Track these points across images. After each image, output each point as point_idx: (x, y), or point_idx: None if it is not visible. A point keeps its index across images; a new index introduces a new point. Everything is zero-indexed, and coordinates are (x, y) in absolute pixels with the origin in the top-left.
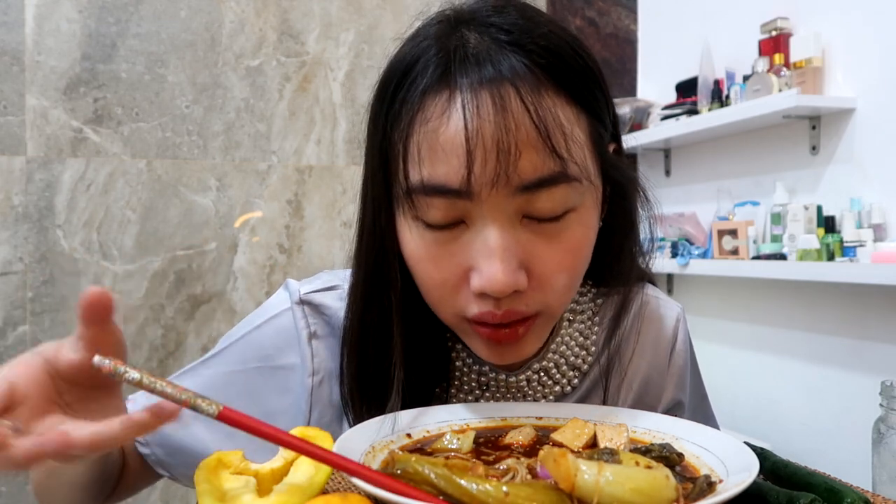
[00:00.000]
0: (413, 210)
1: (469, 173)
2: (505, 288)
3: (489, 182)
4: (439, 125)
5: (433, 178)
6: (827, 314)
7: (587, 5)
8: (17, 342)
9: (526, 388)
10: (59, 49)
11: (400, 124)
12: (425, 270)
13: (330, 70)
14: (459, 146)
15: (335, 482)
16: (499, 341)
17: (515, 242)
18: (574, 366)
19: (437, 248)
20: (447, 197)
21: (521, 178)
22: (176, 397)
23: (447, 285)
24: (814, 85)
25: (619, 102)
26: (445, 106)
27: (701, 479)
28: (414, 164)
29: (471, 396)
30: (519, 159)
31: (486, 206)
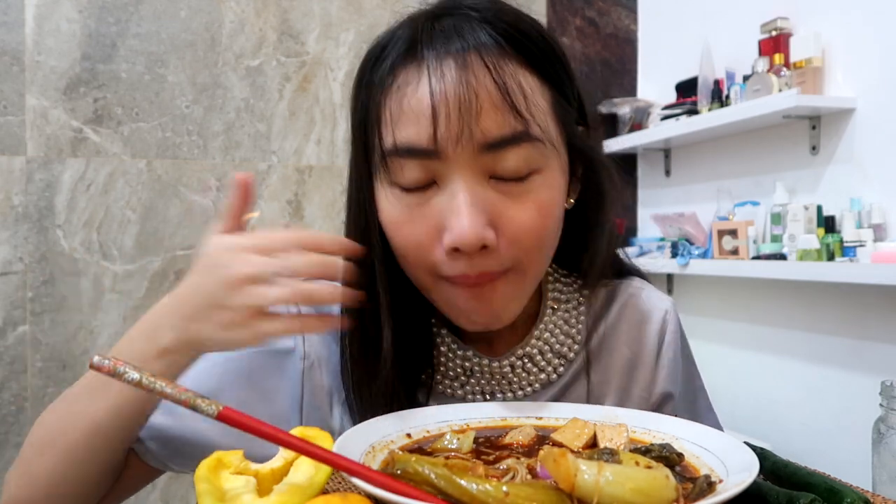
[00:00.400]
0: (388, 174)
1: (435, 131)
2: (473, 241)
3: (454, 139)
4: (408, 91)
5: (403, 140)
6: (827, 314)
7: (587, 5)
8: (17, 342)
9: (510, 375)
10: (59, 49)
11: (375, 96)
12: (401, 233)
13: (330, 70)
14: (426, 107)
15: (335, 482)
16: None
17: (483, 200)
18: (559, 353)
19: (411, 210)
20: (417, 157)
21: (484, 136)
22: (176, 397)
23: (422, 246)
24: (814, 85)
25: (619, 102)
26: (414, 74)
27: (701, 479)
28: (387, 130)
29: (456, 383)
30: (481, 117)
31: (453, 164)
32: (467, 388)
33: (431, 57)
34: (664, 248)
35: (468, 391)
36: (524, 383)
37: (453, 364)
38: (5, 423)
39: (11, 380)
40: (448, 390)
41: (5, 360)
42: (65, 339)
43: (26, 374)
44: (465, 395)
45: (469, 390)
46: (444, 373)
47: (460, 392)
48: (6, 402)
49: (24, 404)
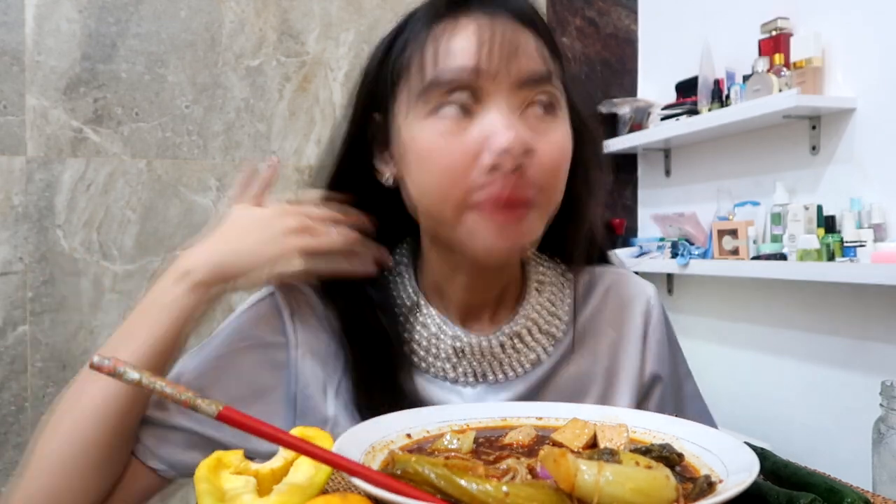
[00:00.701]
0: (426, 106)
1: (478, 64)
2: (521, 140)
3: (494, 73)
4: (455, 32)
5: (448, 73)
6: (827, 314)
7: (587, 5)
8: (17, 342)
9: (501, 355)
10: (59, 49)
11: (407, 49)
12: (437, 161)
13: (330, 70)
14: (472, 44)
15: (335, 482)
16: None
17: (518, 120)
18: (547, 332)
19: (449, 137)
20: (461, 85)
21: (520, 73)
22: (176, 397)
23: (457, 171)
24: (814, 85)
25: (619, 102)
26: (460, 19)
27: (701, 479)
28: (430, 66)
29: (448, 364)
30: (518, 58)
31: (492, 95)
32: (459, 370)
33: (472, 11)
34: (664, 248)
35: (460, 373)
36: (514, 363)
37: (444, 345)
38: (5, 423)
39: (11, 380)
40: (440, 372)
41: (5, 360)
42: (65, 339)
43: (26, 374)
44: (458, 377)
45: (461, 371)
46: (435, 354)
47: (452, 374)
48: (6, 402)
49: (24, 404)
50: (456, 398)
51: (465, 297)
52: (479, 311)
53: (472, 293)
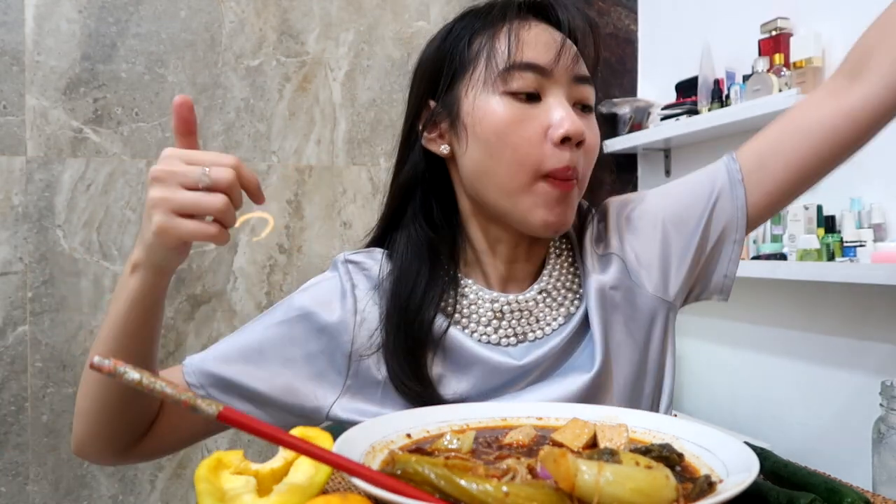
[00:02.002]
0: (504, 85)
1: (558, 56)
2: (580, 130)
3: (564, 66)
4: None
5: (531, 58)
6: (827, 314)
7: (587, 5)
8: (17, 342)
9: (536, 311)
10: (59, 49)
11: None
12: (513, 131)
13: (330, 70)
14: (554, 41)
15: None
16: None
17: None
18: (570, 289)
19: (521, 112)
20: (535, 72)
21: (579, 71)
22: (176, 398)
23: (532, 142)
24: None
25: (619, 102)
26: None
27: (701, 479)
28: (514, 49)
29: (489, 328)
30: (580, 61)
31: (558, 84)
32: (500, 332)
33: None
34: None
35: (501, 335)
36: (549, 318)
37: (484, 309)
38: (5, 423)
39: (11, 380)
40: (482, 337)
41: (5, 360)
42: (65, 339)
43: (26, 374)
44: (500, 339)
45: (502, 333)
46: (476, 320)
47: (494, 336)
48: (6, 402)
49: (24, 404)
50: (503, 356)
51: (504, 270)
52: (516, 283)
53: (510, 265)
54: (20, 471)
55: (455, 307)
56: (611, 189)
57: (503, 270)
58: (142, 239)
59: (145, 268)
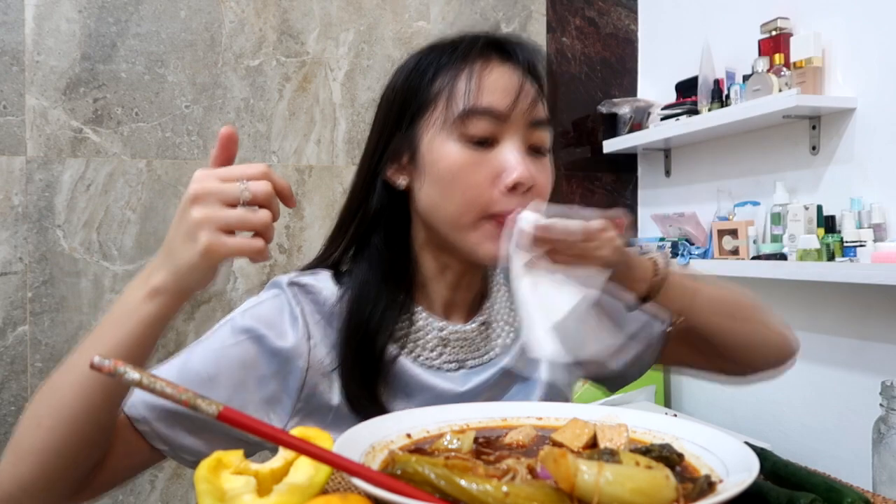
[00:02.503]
0: (460, 129)
1: (515, 102)
2: (531, 178)
3: (521, 112)
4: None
5: (487, 103)
6: (827, 314)
7: (587, 5)
8: (17, 342)
9: (477, 340)
10: (59, 49)
11: (441, 76)
12: (465, 174)
13: (330, 70)
14: (513, 85)
15: (335, 482)
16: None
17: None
18: (508, 322)
19: (475, 158)
20: (492, 117)
21: (536, 116)
22: (176, 397)
23: (482, 186)
24: (814, 85)
25: (619, 102)
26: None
27: (701, 479)
28: (471, 94)
29: (434, 353)
30: (537, 105)
31: (514, 129)
32: (443, 358)
33: (520, 56)
34: (664, 248)
35: (444, 360)
36: (488, 347)
37: (431, 336)
38: (5, 423)
39: (11, 380)
40: (426, 361)
41: (5, 360)
42: (65, 339)
43: (26, 374)
44: (442, 363)
45: (445, 359)
46: (422, 345)
47: (437, 361)
48: (6, 402)
49: (24, 404)
50: (442, 380)
51: (448, 295)
52: (457, 308)
53: (454, 291)
54: None
55: (407, 333)
56: (611, 190)
57: (447, 295)
58: (170, 262)
59: (171, 293)
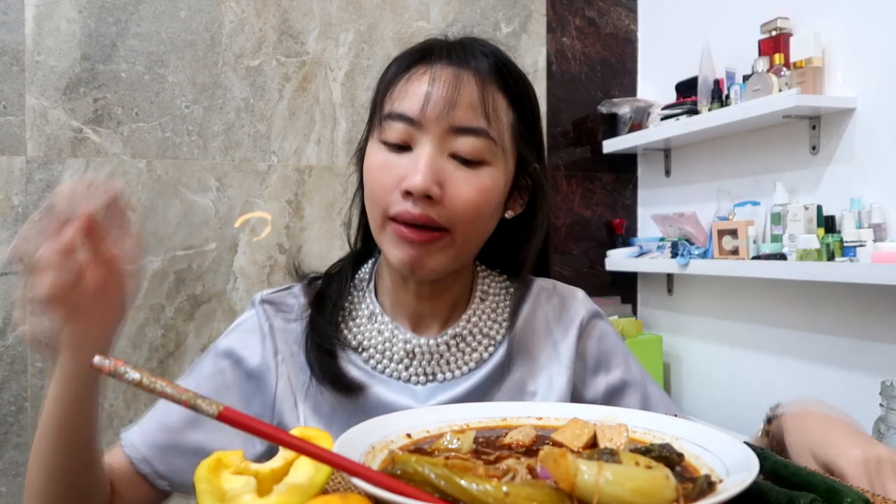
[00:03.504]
0: (380, 132)
1: (423, 108)
2: (421, 188)
3: (434, 117)
4: (413, 78)
5: (399, 109)
6: (827, 314)
7: (587, 5)
8: (17, 342)
9: (447, 354)
10: (59, 49)
11: (389, 80)
12: (374, 176)
13: (330, 70)
14: (423, 91)
15: (335, 482)
16: (413, 240)
17: (439, 166)
18: (487, 335)
19: (387, 160)
20: (404, 122)
21: (455, 122)
22: (176, 397)
23: (385, 188)
24: (814, 85)
25: (619, 102)
26: (423, 69)
27: (701, 479)
28: (390, 101)
29: (401, 365)
30: (458, 109)
31: (427, 135)
32: (411, 370)
33: (439, 63)
34: (664, 248)
35: (412, 373)
36: (460, 362)
37: (397, 348)
38: (5, 423)
39: (11, 380)
40: (394, 373)
41: (5, 360)
42: None
43: (26, 374)
44: (409, 376)
45: (413, 372)
46: (389, 357)
47: (404, 374)
48: (6, 402)
49: (24, 404)
50: (408, 396)
51: (415, 306)
52: (430, 320)
53: (420, 301)
54: (20, 471)
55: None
56: (611, 190)
57: (413, 305)
58: None
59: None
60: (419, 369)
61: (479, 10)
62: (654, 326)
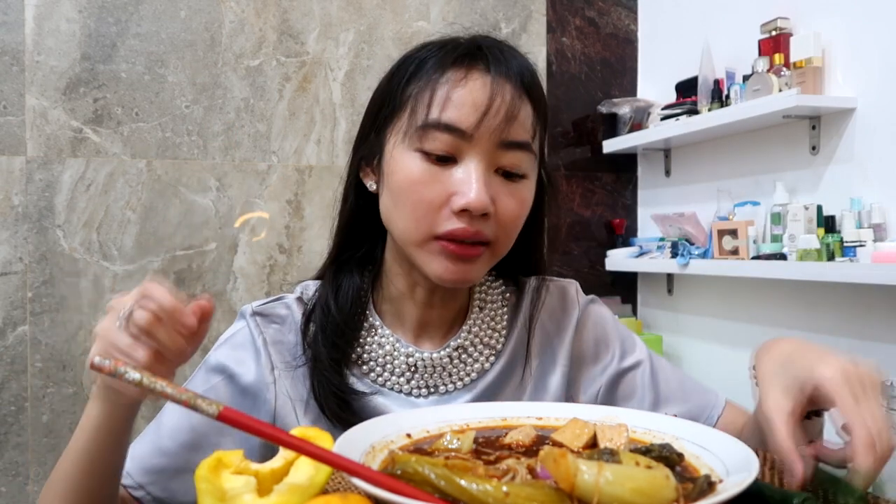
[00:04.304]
0: (419, 142)
1: (481, 120)
2: (481, 206)
3: (488, 131)
4: (464, 85)
5: (449, 119)
6: (827, 314)
7: (587, 5)
8: (17, 342)
9: (449, 366)
10: (59, 49)
11: (414, 82)
12: (415, 191)
13: (330, 70)
14: (481, 101)
15: (335, 482)
16: (461, 256)
17: (489, 182)
18: (488, 345)
19: (430, 174)
20: (453, 134)
21: (507, 137)
22: (176, 397)
23: (432, 205)
24: (814, 85)
25: (619, 102)
26: (472, 74)
27: (701, 479)
28: (434, 107)
29: (402, 378)
30: (510, 124)
31: (477, 149)
32: (413, 384)
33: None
34: (664, 248)
35: (413, 386)
36: (462, 374)
37: (399, 361)
38: (5, 423)
39: (11, 380)
40: (395, 386)
41: (5, 360)
42: (65, 339)
43: (26, 374)
44: (411, 389)
45: (415, 385)
46: (391, 370)
47: (406, 387)
48: (6, 402)
49: (24, 404)
50: (410, 409)
51: (420, 314)
52: (432, 329)
53: (427, 310)
54: (20, 471)
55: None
56: (611, 190)
57: (419, 315)
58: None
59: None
60: (421, 382)
61: (479, 10)
62: (654, 326)
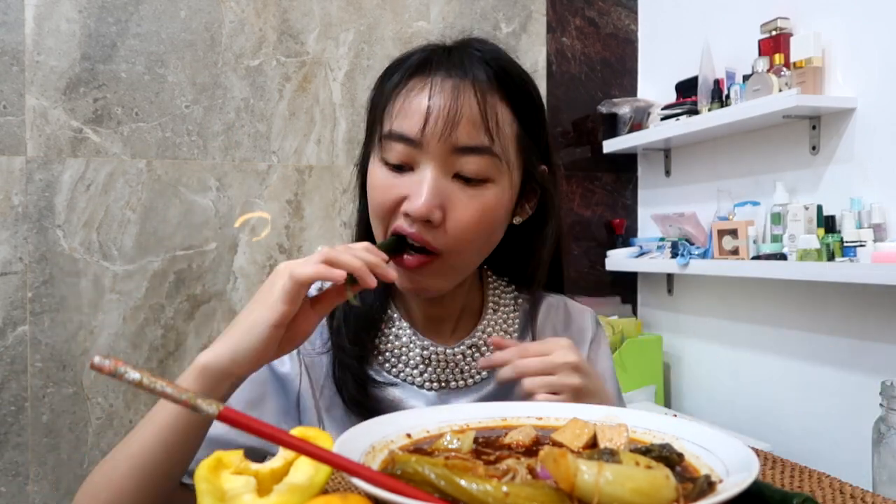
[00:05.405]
0: (380, 152)
1: (423, 127)
2: (423, 213)
3: (435, 137)
4: (412, 95)
5: (398, 128)
6: (827, 314)
7: (587, 5)
8: (16, 342)
9: (462, 363)
10: (59, 49)
11: (387, 94)
12: (376, 196)
13: (330, 70)
14: (423, 109)
15: (335, 482)
16: (407, 265)
17: (442, 188)
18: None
19: (388, 181)
20: (404, 143)
21: (458, 141)
22: (176, 397)
23: (385, 208)
24: (814, 85)
25: (619, 102)
26: (421, 84)
27: (701, 479)
28: (389, 119)
29: (416, 371)
30: (459, 127)
31: (428, 156)
32: (425, 376)
33: (437, 76)
34: (664, 248)
35: (426, 378)
36: (472, 371)
37: (413, 353)
38: (5, 423)
39: (11, 380)
40: (408, 378)
41: (5, 360)
42: (65, 339)
43: (26, 374)
44: (423, 382)
45: (427, 378)
46: (405, 361)
47: (419, 379)
48: (6, 402)
49: (23, 404)
50: (420, 401)
51: (427, 311)
52: (441, 325)
53: (431, 307)
54: (20, 471)
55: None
56: (611, 190)
57: (426, 311)
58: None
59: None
60: (433, 375)
61: (479, 11)
62: (654, 326)
